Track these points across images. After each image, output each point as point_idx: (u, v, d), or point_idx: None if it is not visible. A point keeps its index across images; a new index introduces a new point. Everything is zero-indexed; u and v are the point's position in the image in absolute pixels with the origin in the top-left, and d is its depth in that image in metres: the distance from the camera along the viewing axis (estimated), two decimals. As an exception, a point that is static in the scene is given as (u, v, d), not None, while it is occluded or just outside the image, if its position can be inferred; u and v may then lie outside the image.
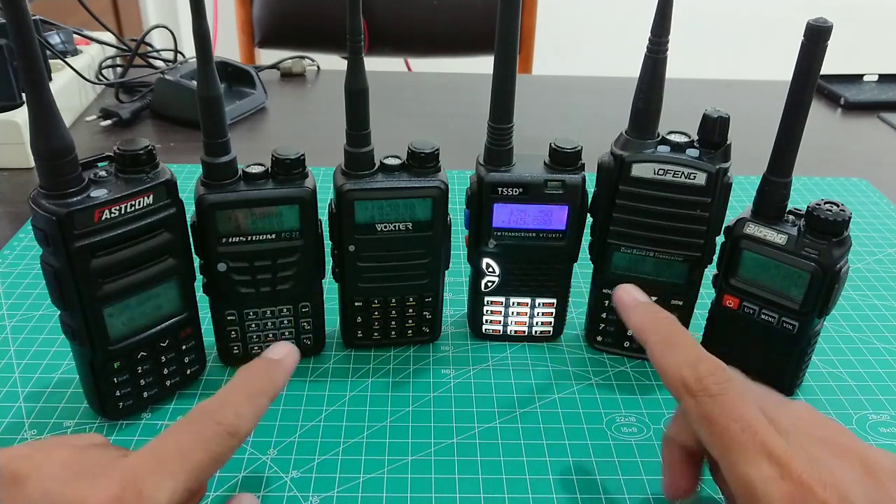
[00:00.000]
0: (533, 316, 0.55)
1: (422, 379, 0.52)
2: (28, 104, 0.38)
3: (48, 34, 0.89)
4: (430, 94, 1.06)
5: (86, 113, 0.92)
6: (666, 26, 0.45)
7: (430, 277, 0.51)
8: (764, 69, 1.36)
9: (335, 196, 0.48)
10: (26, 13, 0.35)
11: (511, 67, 0.46)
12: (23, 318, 0.56)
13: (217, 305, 0.49)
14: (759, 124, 0.68)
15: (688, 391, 0.36)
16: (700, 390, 0.36)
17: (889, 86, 1.08)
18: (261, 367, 0.40)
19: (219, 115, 0.44)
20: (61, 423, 0.47)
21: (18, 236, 0.66)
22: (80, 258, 0.40)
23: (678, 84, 0.80)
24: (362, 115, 0.46)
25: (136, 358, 0.46)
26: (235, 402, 0.37)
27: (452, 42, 1.47)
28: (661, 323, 0.40)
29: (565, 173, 0.49)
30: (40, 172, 0.39)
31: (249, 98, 0.95)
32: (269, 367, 0.40)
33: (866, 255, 0.69)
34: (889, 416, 0.50)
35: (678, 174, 0.47)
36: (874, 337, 0.57)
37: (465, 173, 0.79)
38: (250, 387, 0.38)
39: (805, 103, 0.43)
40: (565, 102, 1.05)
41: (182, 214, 0.45)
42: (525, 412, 0.49)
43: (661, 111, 0.47)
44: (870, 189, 0.81)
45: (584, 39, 2.31)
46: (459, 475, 0.44)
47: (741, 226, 0.47)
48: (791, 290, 0.46)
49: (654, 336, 0.40)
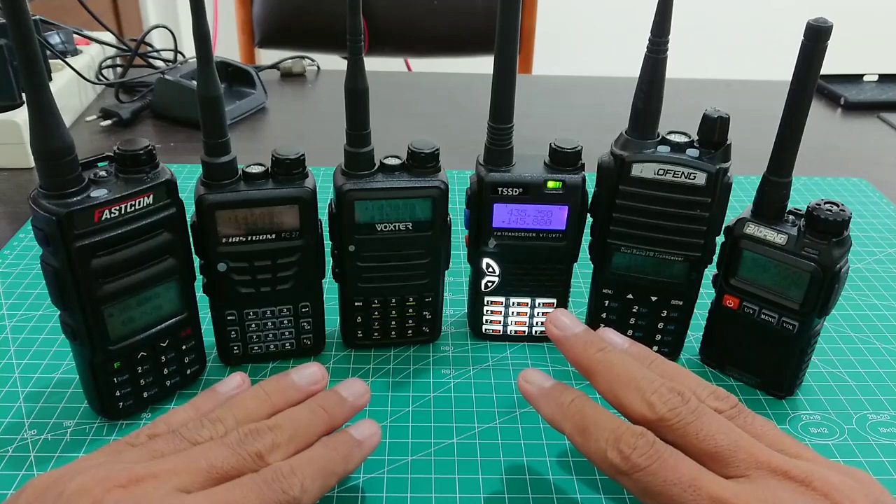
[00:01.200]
0: (533, 316, 0.55)
1: (422, 379, 0.52)
2: (28, 104, 0.38)
3: (48, 34, 0.89)
4: (430, 94, 1.06)
5: (86, 113, 0.92)
6: (666, 26, 0.45)
7: (430, 277, 0.51)
8: (764, 69, 1.36)
9: (335, 196, 0.48)
10: (26, 13, 0.35)
11: (511, 67, 0.46)
12: (23, 318, 0.56)
13: (217, 305, 0.49)
14: (759, 124, 0.68)
15: (620, 473, 0.36)
16: (630, 468, 0.35)
17: (889, 86, 1.08)
18: (342, 445, 0.39)
19: (219, 115, 0.44)
20: (61, 423, 0.47)
21: (18, 236, 0.66)
22: (80, 258, 0.40)
23: (678, 84, 0.80)
24: (362, 115, 0.47)
25: (136, 358, 0.46)
26: (307, 474, 0.35)
27: (452, 42, 1.47)
28: (569, 411, 0.39)
29: (565, 173, 0.49)
30: (40, 172, 0.39)
31: (249, 98, 0.95)
32: (350, 447, 0.39)
33: (866, 255, 0.69)
34: (889, 416, 0.50)
35: (678, 174, 0.47)
36: (874, 337, 0.57)
37: (465, 173, 0.79)
38: (326, 463, 0.37)
39: (805, 103, 0.43)
40: (565, 102, 1.05)
41: (182, 214, 0.45)
42: (525, 412, 0.49)
43: (661, 111, 0.47)
44: (870, 189, 0.81)
45: (584, 39, 2.31)
46: (459, 475, 0.44)
47: (741, 226, 0.47)
48: (791, 290, 0.46)
49: (568, 425, 0.39)
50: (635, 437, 0.36)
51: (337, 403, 0.41)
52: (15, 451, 0.45)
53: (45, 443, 0.45)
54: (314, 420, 0.39)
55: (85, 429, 0.46)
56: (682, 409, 0.37)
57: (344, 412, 0.41)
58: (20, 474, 0.43)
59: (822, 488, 0.33)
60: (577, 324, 0.43)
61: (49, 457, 0.44)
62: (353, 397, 0.41)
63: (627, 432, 0.36)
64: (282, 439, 0.37)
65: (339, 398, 0.41)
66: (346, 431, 0.40)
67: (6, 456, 0.44)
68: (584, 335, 0.42)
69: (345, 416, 0.41)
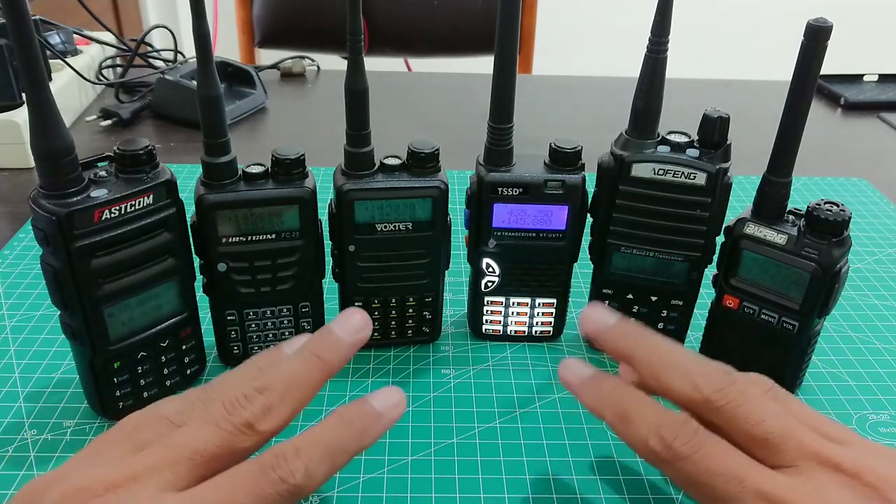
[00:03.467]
0: (533, 316, 0.55)
1: (422, 379, 0.52)
2: (28, 104, 0.38)
3: (48, 34, 0.89)
4: (430, 94, 1.06)
5: (86, 113, 0.92)
6: (666, 26, 0.45)
7: (430, 277, 0.51)
8: (764, 69, 1.36)
9: (335, 196, 0.48)
10: (26, 13, 0.35)
11: (511, 67, 0.46)
12: (23, 318, 0.56)
13: (217, 305, 0.49)
14: (759, 124, 0.68)
15: (661, 461, 0.35)
16: (672, 457, 0.34)
17: (889, 86, 1.08)
18: (359, 418, 0.34)
19: (219, 115, 0.44)
20: (61, 423, 0.47)
21: (18, 236, 0.66)
22: (80, 258, 0.40)
23: (678, 84, 0.80)
24: (362, 115, 0.46)
25: (136, 358, 0.46)
26: (312, 456, 0.32)
27: (452, 42, 1.47)
28: (610, 398, 0.38)
29: (565, 173, 0.49)
30: (40, 172, 0.39)
31: (249, 98, 0.95)
32: (368, 420, 0.35)
33: (866, 255, 0.69)
34: (889, 416, 0.50)
35: (678, 174, 0.47)
36: (874, 337, 0.57)
37: (465, 173, 0.79)
38: (338, 442, 0.33)
39: (805, 103, 0.43)
40: (565, 102, 1.05)
41: (182, 214, 0.45)
42: (525, 412, 0.49)
43: (661, 111, 0.47)
44: (870, 189, 0.81)
45: (584, 39, 2.32)
46: (459, 475, 0.44)
47: (741, 226, 0.47)
48: (791, 290, 0.46)
49: (609, 413, 0.38)
50: (678, 425, 0.34)
51: (332, 346, 0.36)
52: (15, 451, 0.45)
53: (45, 443, 0.45)
54: (307, 371, 0.35)
55: (85, 429, 0.46)
56: (730, 391, 0.35)
57: (341, 355, 0.36)
58: (20, 474, 0.43)
59: (872, 481, 0.32)
60: (611, 315, 0.41)
61: (49, 457, 0.44)
62: (349, 334, 0.37)
63: (670, 420, 0.35)
64: (273, 400, 0.33)
65: (334, 339, 0.36)
66: (366, 401, 0.35)
67: (6, 456, 0.44)
68: (619, 326, 0.40)
69: (342, 358, 0.36)
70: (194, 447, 0.32)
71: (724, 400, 0.35)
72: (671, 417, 0.35)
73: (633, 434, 0.36)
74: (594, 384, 0.39)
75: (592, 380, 0.39)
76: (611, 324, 0.40)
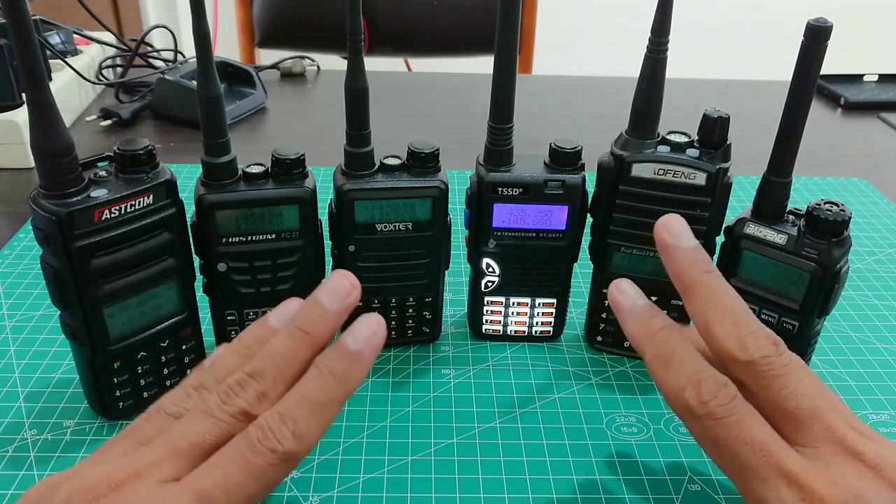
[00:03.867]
0: (533, 316, 0.55)
1: (422, 379, 0.52)
2: (28, 104, 0.38)
3: (48, 34, 0.89)
4: (430, 94, 1.06)
5: (86, 113, 0.92)
6: (666, 26, 0.45)
7: (430, 277, 0.51)
8: (764, 69, 1.36)
9: (335, 196, 0.48)
10: (26, 13, 0.35)
11: (511, 67, 0.46)
12: (23, 318, 0.56)
13: (217, 305, 0.49)
14: (759, 124, 0.68)
15: (691, 415, 0.34)
16: (704, 415, 0.34)
17: (889, 86, 1.08)
18: (336, 362, 0.34)
19: (219, 115, 0.44)
20: (61, 423, 0.47)
21: (18, 236, 0.66)
22: (80, 258, 0.40)
23: (678, 84, 0.80)
24: (362, 115, 0.47)
25: (136, 358, 0.46)
26: (297, 418, 0.32)
27: (452, 42, 1.47)
28: (657, 337, 0.37)
29: (565, 173, 0.49)
30: (40, 172, 0.39)
31: (249, 98, 0.95)
32: (346, 363, 0.34)
33: (866, 255, 0.69)
34: (889, 416, 0.50)
35: (678, 174, 0.47)
36: (874, 337, 0.57)
37: (465, 173, 0.79)
38: (321, 393, 0.33)
39: (805, 103, 0.43)
40: (565, 102, 1.05)
41: (182, 214, 0.45)
42: (525, 412, 0.49)
43: (661, 111, 0.47)
44: (870, 189, 0.81)
45: (584, 39, 2.32)
46: (459, 475, 0.44)
47: (741, 226, 0.47)
48: (791, 290, 0.46)
49: (651, 351, 0.37)
50: (718, 386, 0.34)
51: (318, 319, 0.35)
52: (15, 451, 0.45)
53: (45, 443, 0.45)
54: (296, 347, 0.34)
55: (85, 429, 0.47)
56: (774, 360, 0.35)
57: (329, 325, 0.35)
58: (20, 474, 0.43)
59: (892, 476, 0.32)
60: (691, 238, 0.39)
61: (49, 457, 0.44)
62: (335, 302, 0.35)
63: (711, 378, 0.34)
64: (266, 385, 0.33)
65: (320, 311, 0.35)
66: (340, 342, 0.34)
67: (6, 456, 0.44)
68: (694, 252, 0.39)
69: (331, 328, 0.35)
70: (192, 440, 0.32)
71: (768, 367, 0.35)
72: (712, 375, 0.35)
73: (670, 381, 0.35)
74: (644, 315, 0.38)
75: (644, 310, 0.39)
76: (688, 246, 0.39)
